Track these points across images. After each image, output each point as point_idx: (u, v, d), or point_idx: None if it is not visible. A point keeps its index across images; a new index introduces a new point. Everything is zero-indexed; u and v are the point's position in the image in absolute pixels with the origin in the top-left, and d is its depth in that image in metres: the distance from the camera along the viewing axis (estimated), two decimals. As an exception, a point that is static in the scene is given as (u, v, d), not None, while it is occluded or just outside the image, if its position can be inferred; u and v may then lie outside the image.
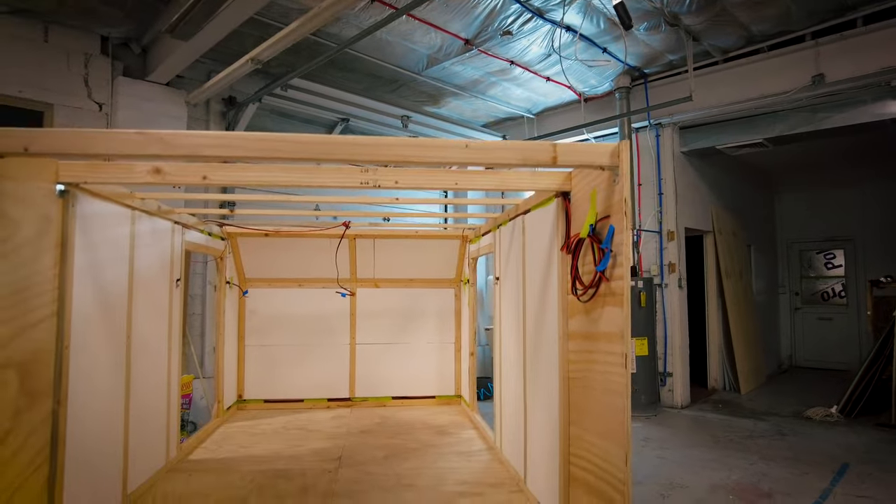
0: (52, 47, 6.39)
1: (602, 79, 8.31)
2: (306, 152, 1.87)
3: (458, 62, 7.62)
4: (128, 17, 6.38)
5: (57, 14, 6.23)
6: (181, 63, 6.41)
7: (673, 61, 7.77)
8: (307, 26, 4.61)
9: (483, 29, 6.80)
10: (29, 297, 2.04)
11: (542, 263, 2.74)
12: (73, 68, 6.52)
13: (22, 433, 2.00)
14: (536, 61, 7.69)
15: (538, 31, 6.91)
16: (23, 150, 1.80)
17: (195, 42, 5.81)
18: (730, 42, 7.07)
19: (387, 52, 7.32)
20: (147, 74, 6.88)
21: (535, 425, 2.85)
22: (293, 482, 3.13)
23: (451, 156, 1.93)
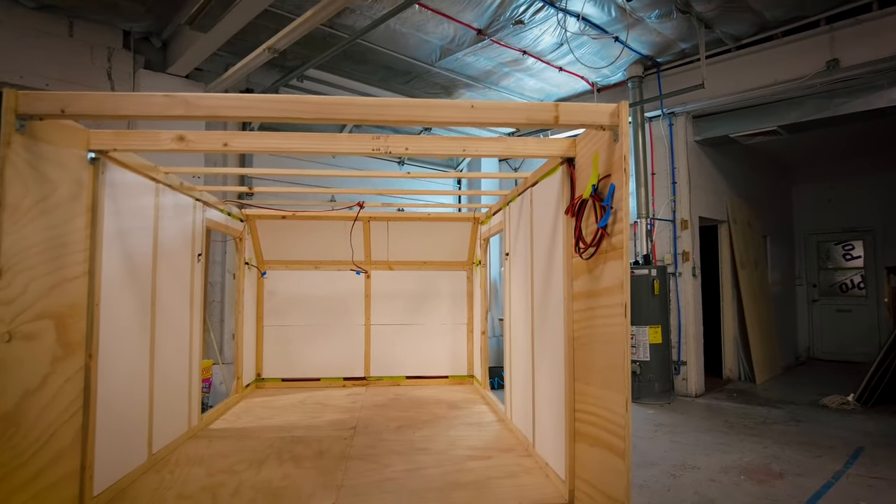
0: (76, 42, 6.61)
1: (615, 68, 8.34)
2: (320, 112, 1.98)
3: (470, 53, 7.71)
4: (149, 12, 6.58)
5: (81, 9, 6.46)
6: (200, 55, 6.59)
7: (685, 50, 7.77)
8: (322, 14, 4.74)
9: (495, 18, 6.88)
10: (64, 255, 2.18)
11: (549, 231, 2.82)
12: (96, 62, 6.74)
13: (58, 380, 2.14)
14: (549, 51, 7.74)
15: (550, 20, 6.97)
16: (59, 112, 1.93)
17: (213, 34, 5.99)
18: (742, 29, 7.06)
19: (400, 44, 7.44)
20: (167, 67, 7.08)
21: (542, 390, 2.93)
22: (310, 447, 3.25)
23: (457, 115, 2.02)
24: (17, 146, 1.92)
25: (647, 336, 7.42)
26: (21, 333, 1.94)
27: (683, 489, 4.49)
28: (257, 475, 2.80)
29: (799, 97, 7.27)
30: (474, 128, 8.83)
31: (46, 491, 2.08)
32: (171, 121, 1.97)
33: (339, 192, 4.27)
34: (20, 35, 6.22)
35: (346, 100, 1.94)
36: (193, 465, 2.96)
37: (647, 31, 7.29)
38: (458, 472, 2.88)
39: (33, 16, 6.29)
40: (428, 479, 2.77)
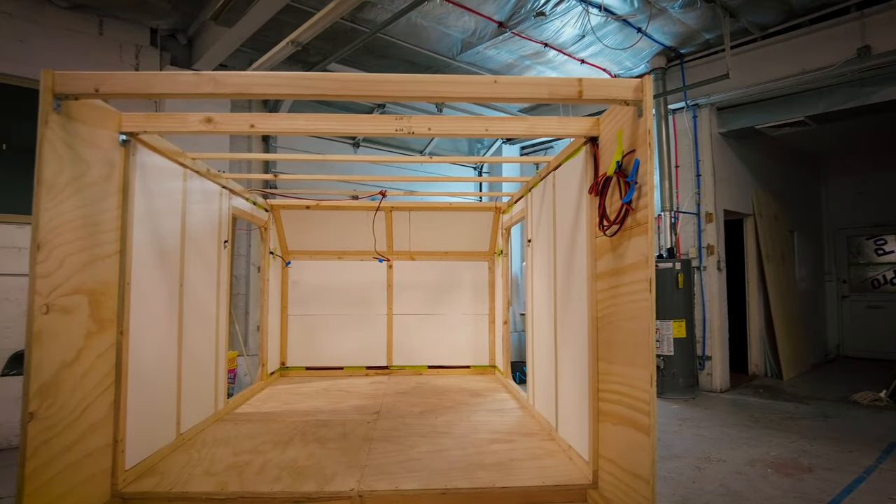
0: (106, 40, 6.77)
1: (637, 60, 8.26)
2: (344, 89, 2.00)
3: (491, 46, 7.71)
4: (175, 9, 6.71)
5: (111, 7, 6.61)
6: (224, 51, 6.70)
7: (710, 40, 7.67)
8: (344, 6, 4.78)
9: (516, 10, 6.87)
10: (97, 233, 2.24)
11: (572, 213, 2.81)
12: (125, 59, 6.89)
13: (92, 355, 2.20)
14: (570, 43, 7.70)
15: (571, 12, 6.94)
16: (94, 91, 1.98)
17: (237, 29, 6.08)
18: (769, 17, 6.94)
19: (421, 38, 7.46)
20: (193, 64, 7.21)
21: (565, 373, 2.92)
22: (334, 429, 3.28)
23: (480, 91, 2.03)
24: (53, 125, 1.98)
25: (672, 330, 7.34)
26: (57, 307, 2.00)
27: (708, 481, 4.43)
28: (282, 455, 2.84)
29: (828, 86, 7.12)
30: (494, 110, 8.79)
31: (82, 460, 2.14)
32: (198, 99, 2.01)
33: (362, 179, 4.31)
34: (53, 35, 6.39)
35: (370, 76, 1.97)
36: (220, 445, 3.01)
37: (671, 21, 7.20)
38: (480, 454, 2.88)
39: (65, 15, 6.46)
40: (451, 460, 2.78)
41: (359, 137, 8.97)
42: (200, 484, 2.46)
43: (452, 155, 10.44)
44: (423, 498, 2.37)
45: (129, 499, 2.35)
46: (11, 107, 6.37)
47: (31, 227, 5.47)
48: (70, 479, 2.06)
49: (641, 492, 1.95)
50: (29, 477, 1.84)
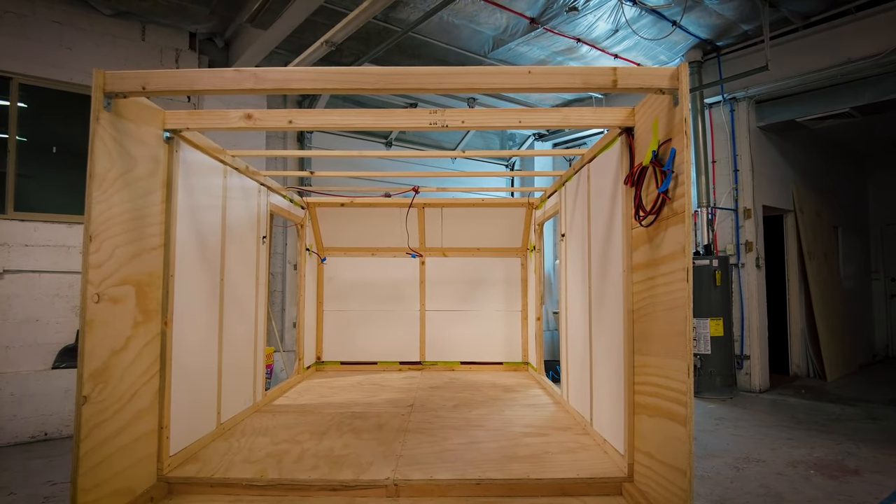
0: (147, 45, 6.99)
1: (672, 53, 8.12)
2: (381, 83, 2.03)
3: (523, 42, 7.68)
4: (213, 13, 6.89)
5: (152, 14, 6.83)
6: (260, 53, 6.85)
7: (748, 31, 7.48)
8: (377, 5, 4.83)
9: (548, 6, 6.83)
10: (143, 226, 2.32)
11: (607, 205, 2.79)
12: (165, 64, 7.10)
13: (139, 343, 2.29)
14: (603, 38, 7.62)
15: (604, 6, 6.86)
16: (141, 88, 2.07)
17: (273, 31, 6.21)
18: (811, 6, 6.73)
19: (453, 36, 7.49)
20: (229, 66, 7.39)
21: (600, 367, 2.90)
22: (369, 421, 3.33)
23: (515, 81, 2.04)
24: (104, 122, 2.06)
25: (709, 328, 7.18)
26: (108, 296, 2.08)
27: (748, 481, 4.32)
28: (319, 444, 2.89)
29: (875, 76, 6.87)
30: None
31: (131, 444, 2.22)
32: (237, 97, 2.06)
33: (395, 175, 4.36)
34: (98, 41, 6.64)
35: (406, 70, 1.99)
36: (259, 434, 3.09)
37: (707, 13, 7.06)
38: (514, 446, 2.89)
39: (110, 22, 6.71)
40: (484, 452, 2.79)
41: (391, 137, 9.04)
42: (240, 471, 2.52)
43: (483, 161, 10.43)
44: (457, 487, 2.39)
45: (173, 483, 2.43)
46: (61, 111, 6.64)
47: (79, 227, 5.68)
48: (120, 462, 2.15)
49: (678, 483, 1.92)
50: (83, 457, 1.93)
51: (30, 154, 6.26)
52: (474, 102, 8.39)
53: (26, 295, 6.10)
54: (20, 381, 5.93)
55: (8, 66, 6.05)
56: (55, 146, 6.60)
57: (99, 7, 6.52)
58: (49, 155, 6.57)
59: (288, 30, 6.07)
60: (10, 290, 6.01)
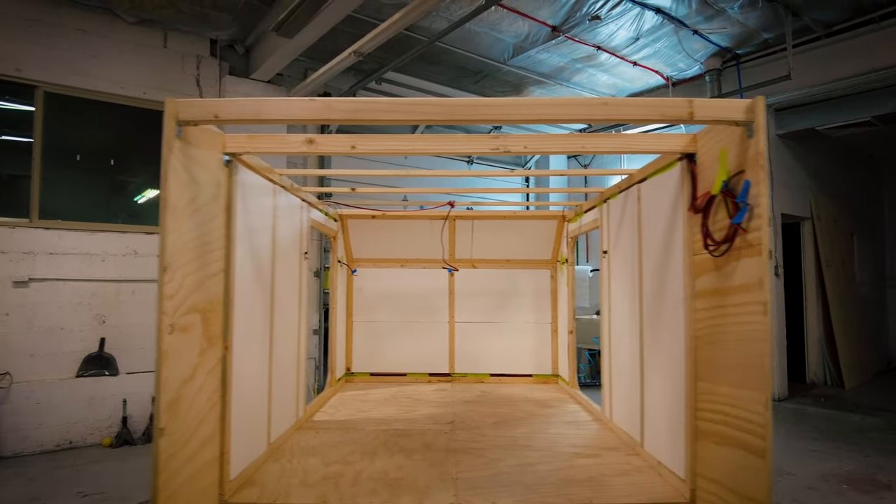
0: (169, 52, 6.98)
1: (691, 61, 8.12)
2: (454, 114, 2.03)
3: (543, 50, 7.68)
4: (235, 21, 6.88)
5: (175, 21, 6.81)
6: (283, 61, 6.83)
7: (768, 39, 7.47)
8: (412, 16, 4.83)
9: (571, 14, 6.83)
10: (207, 252, 2.32)
11: (663, 229, 2.78)
12: (186, 70, 7.09)
13: (204, 371, 2.28)
14: (623, 45, 7.61)
15: (627, 15, 6.86)
16: (213, 118, 2.06)
17: (298, 39, 6.20)
18: (834, 14, 6.72)
19: (474, 43, 7.48)
20: (250, 73, 7.38)
21: (653, 389, 2.90)
22: (414, 439, 3.32)
23: (591, 113, 2.03)
24: (176, 150, 2.06)
25: (729, 337, 7.16)
26: (179, 326, 2.08)
27: (780, 496, 4.32)
28: (371, 466, 2.89)
29: (896, 85, 6.86)
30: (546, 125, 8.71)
31: (197, 473, 2.22)
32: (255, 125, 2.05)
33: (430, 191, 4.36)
34: (121, 49, 6.62)
35: (481, 101, 1.99)
36: (307, 454, 3.08)
37: (729, 21, 7.05)
38: (568, 468, 2.88)
39: (133, 30, 6.69)
40: (540, 475, 2.79)
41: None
42: (300, 496, 2.52)
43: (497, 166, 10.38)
44: (521, 514, 2.38)
45: (234, 509, 2.43)
46: (84, 120, 6.63)
47: (102, 234, 5.64)
48: (189, 491, 2.14)
49: (757, 516, 1.92)
50: (161, 488, 1.93)
51: (52, 160, 6.25)
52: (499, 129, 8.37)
53: (51, 303, 6.10)
54: (45, 390, 5.92)
55: (34, 74, 6.04)
56: (79, 154, 6.60)
57: (123, 15, 6.51)
58: (72, 161, 6.55)
59: (313, 38, 6.06)
60: (36, 298, 6.01)
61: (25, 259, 5.96)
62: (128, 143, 6.93)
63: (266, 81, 7.30)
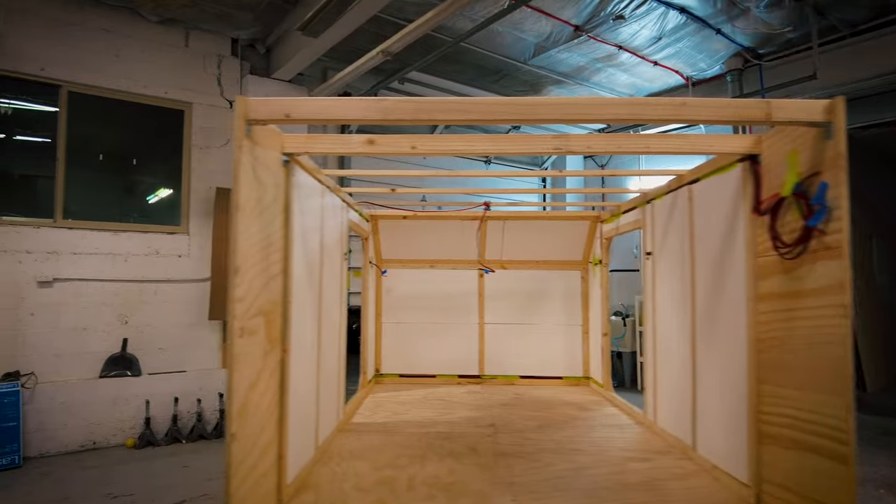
0: (191, 51, 6.95)
1: (712, 61, 8.07)
2: (518, 113, 2.01)
3: (564, 49, 7.64)
4: (257, 20, 6.85)
5: (197, 20, 6.78)
6: (306, 60, 6.80)
7: (792, 39, 7.42)
8: (443, 14, 4.79)
9: (595, 14, 6.79)
10: (270, 254, 2.29)
11: (719, 230, 2.75)
12: (207, 69, 7.06)
13: (266, 374, 2.25)
14: (645, 45, 7.57)
15: (651, 14, 6.82)
16: (284, 117, 2.03)
17: (322, 39, 6.16)
18: (860, 14, 6.68)
19: (496, 43, 7.44)
20: (270, 73, 7.34)
21: (708, 392, 2.87)
22: (458, 442, 3.29)
23: (667, 113, 2.00)
24: (246, 150, 2.03)
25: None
26: (247, 329, 2.05)
27: (817, 499, 4.28)
28: (423, 470, 2.86)
29: (924, 85, 6.81)
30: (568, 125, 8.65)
31: (260, 478, 2.19)
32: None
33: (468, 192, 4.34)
34: (144, 48, 6.60)
35: (542, 100, 1.96)
36: (354, 458, 3.05)
37: (753, 21, 7.00)
38: (621, 472, 2.85)
39: (155, 29, 6.67)
40: (595, 479, 2.76)
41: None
42: (358, 501, 2.49)
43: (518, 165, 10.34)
44: (585, 520, 2.35)
45: (292, 514, 2.40)
46: (107, 119, 6.60)
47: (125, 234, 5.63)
48: (254, 496, 2.11)
49: (838, 523, 1.89)
50: (233, 494, 1.90)
51: (75, 160, 6.22)
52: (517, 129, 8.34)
53: (75, 303, 6.08)
54: (69, 390, 5.90)
55: (58, 74, 6.01)
56: (98, 152, 6.57)
57: (146, 14, 6.48)
58: (94, 161, 6.53)
59: (339, 38, 6.03)
60: (60, 299, 5.99)
61: (50, 259, 5.94)
62: (149, 143, 6.91)
63: (287, 81, 7.27)
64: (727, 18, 6.93)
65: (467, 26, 6.65)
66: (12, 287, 5.72)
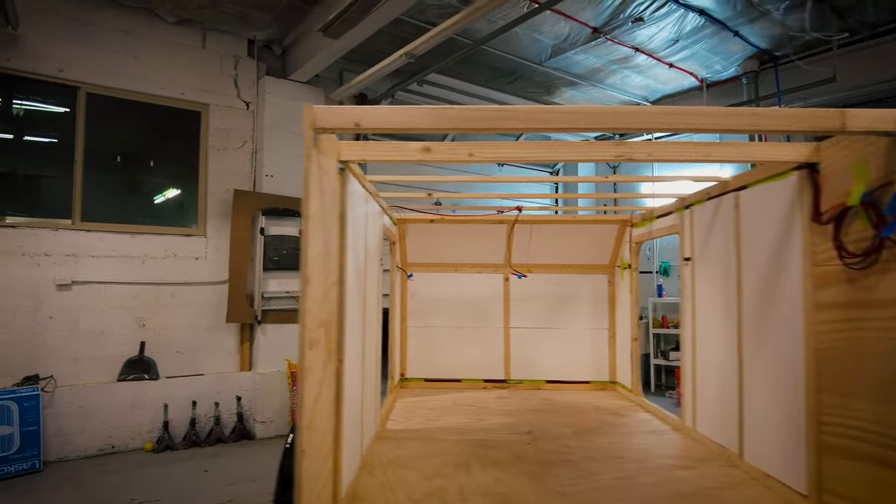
0: (208, 52, 6.90)
1: (728, 63, 8.08)
2: (588, 121, 1.97)
3: (581, 51, 7.63)
4: (275, 21, 6.81)
5: (215, 21, 6.73)
6: (324, 62, 6.77)
7: (809, 41, 7.42)
8: (471, 17, 4.77)
9: (614, 16, 6.77)
10: (328, 263, 2.25)
11: (771, 237, 2.73)
12: (224, 70, 7.02)
13: (326, 386, 2.22)
14: (662, 48, 7.57)
15: (670, 17, 6.81)
16: (354, 125, 1.99)
17: (343, 41, 6.13)
18: (881, 15, 6.68)
19: (512, 44, 7.43)
20: (286, 74, 7.30)
21: (758, 400, 2.85)
22: (500, 451, 3.27)
23: (738, 123, 1.98)
24: (314, 159, 2.00)
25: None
26: (313, 341, 2.02)
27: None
28: (471, 479, 2.83)
29: (942, 88, 6.83)
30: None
31: (321, 491, 2.16)
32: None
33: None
34: (161, 49, 6.55)
35: (608, 109, 1.94)
36: (399, 467, 3.02)
37: (771, 23, 7.01)
38: (670, 481, 2.83)
39: (173, 30, 6.62)
40: (645, 488, 2.73)
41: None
42: (414, 511, 2.46)
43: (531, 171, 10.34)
44: (646, 531, 2.33)
45: (348, 527, 2.37)
46: (124, 120, 6.55)
47: (142, 237, 5.58)
48: (317, 510, 2.09)
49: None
50: (305, 512, 1.87)
51: (91, 162, 6.17)
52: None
53: (93, 306, 6.03)
54: (87, 394, 5.86)
55: (76, 75, 5.96)
56: (115, 154, 6.52)
57: (164, 15, 6.44)
58: (111, 163, 6.48)
59: (360, 39, 6.00)
60: (79, 302, 5.94)
61: (68, 261, 5.90)
62: (166, 145, 6.87)
63: (304, 82, 7.23)
64: (746, 21, 6.92)
65: (487, 28, 6.63)
66: (31, 290, 5.67)
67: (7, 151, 5.95)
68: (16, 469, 5.18)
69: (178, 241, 6.58)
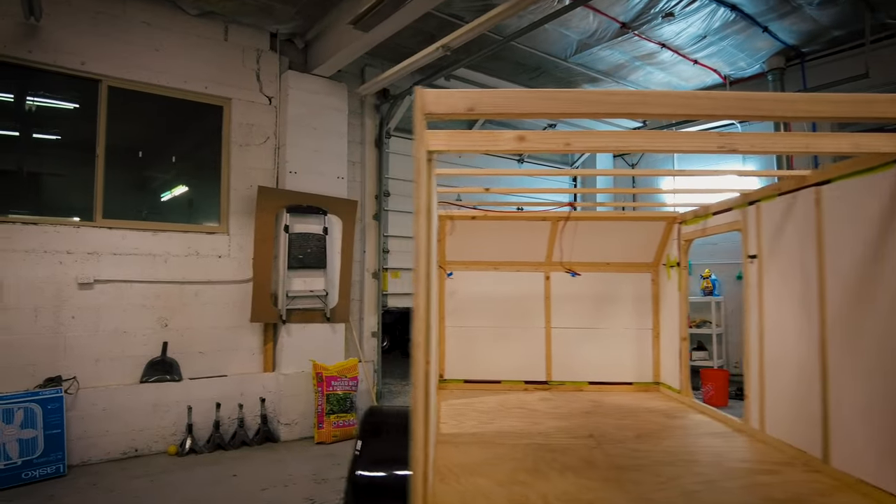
0: (230, 45, 6.74)
1: (753, 60, 8.00)
2: (667, 107, 1.86)
3: (606, 46, 7.52)
4: (299, 13, 6.65)
5: (237, 13, 6.57)
6: (350, 56, 6.62)
7: (837, 37, 7.36)
8: (511, 11, 4.66)
9: (644, 11, 6.67)
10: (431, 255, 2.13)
11: (865, 235, 2.63)
12: (246, 64, 6.86)
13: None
14: (689, 44, 7.48)
15: (700, 12, 6.72)
16: (467, 111, 1.87)
17: (372, 34, 5.99)
18: (915, 12, 6.62)
19: (538, 39, 7.31)
20: (309, 68, 7.15)
21: (850, 403, 2.74)
22: (567, 454, 3.15)
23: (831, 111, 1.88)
24: (423, 147, 1.87)
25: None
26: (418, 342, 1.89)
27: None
28: (549, 485, 2.70)
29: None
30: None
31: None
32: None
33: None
34: (182, 42, 6.38)
35: (689, 94, 1.83)
36: (470, 474, 2.89)
37: (802, 18, 6.93)
38: (754, 486, 2.72)
39: (195, 22, 6.45)
40: (732, 493, 2.62)
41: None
42: (503, 521, 2.34)
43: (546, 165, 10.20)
44: (751, 541, 2.22)
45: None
46: (146, 115, 6.38)
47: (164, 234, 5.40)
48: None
49: None
50: (418, 524, 1.74)
51: (113, 157, 5.99)
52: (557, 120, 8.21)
53: (115, 305, 5.86)
54: (110, 396, 5.69)
55: (98, 68, 5.78)
56: (137, 149, 6.34)
57: (186, 7, 6.27)
58: (133, 158, 6.30)
59: (390, 32, 5.86)
60: (100, 301, 5.77)
61: (90, 260, 5.72)
62: (188, 140, 6.70)
63: (328, 77, 7.09)
64: (777, 16, 6.84)
65: (516, 24, 6.51)
66: (54, 289, 5.50)
67: (28, 150, 5.75)
68: (40, 473, 5.01)
69: (201, 239, 6.41)
